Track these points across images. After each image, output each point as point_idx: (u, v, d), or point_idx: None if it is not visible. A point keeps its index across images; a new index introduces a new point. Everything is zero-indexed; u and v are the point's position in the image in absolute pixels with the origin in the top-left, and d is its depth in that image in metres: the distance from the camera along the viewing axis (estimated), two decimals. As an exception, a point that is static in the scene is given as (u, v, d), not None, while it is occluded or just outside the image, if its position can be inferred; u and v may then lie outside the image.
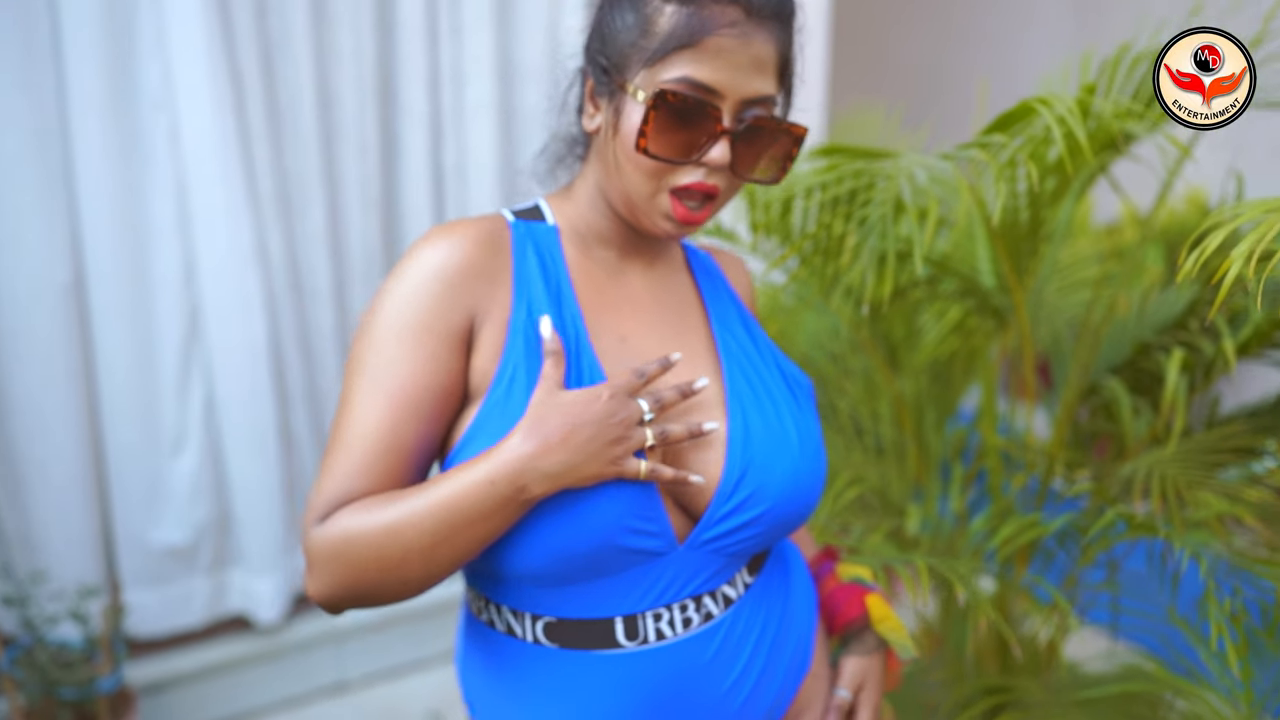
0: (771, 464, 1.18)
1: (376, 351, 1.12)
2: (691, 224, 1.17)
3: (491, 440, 1.09)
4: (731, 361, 1.26)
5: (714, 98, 1.12)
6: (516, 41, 3.30)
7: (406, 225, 3.24)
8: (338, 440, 1.12)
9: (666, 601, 1.17)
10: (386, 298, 1.13)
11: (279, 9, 2.89)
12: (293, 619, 3.17)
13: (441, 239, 1.15)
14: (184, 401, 2.91)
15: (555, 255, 1.22)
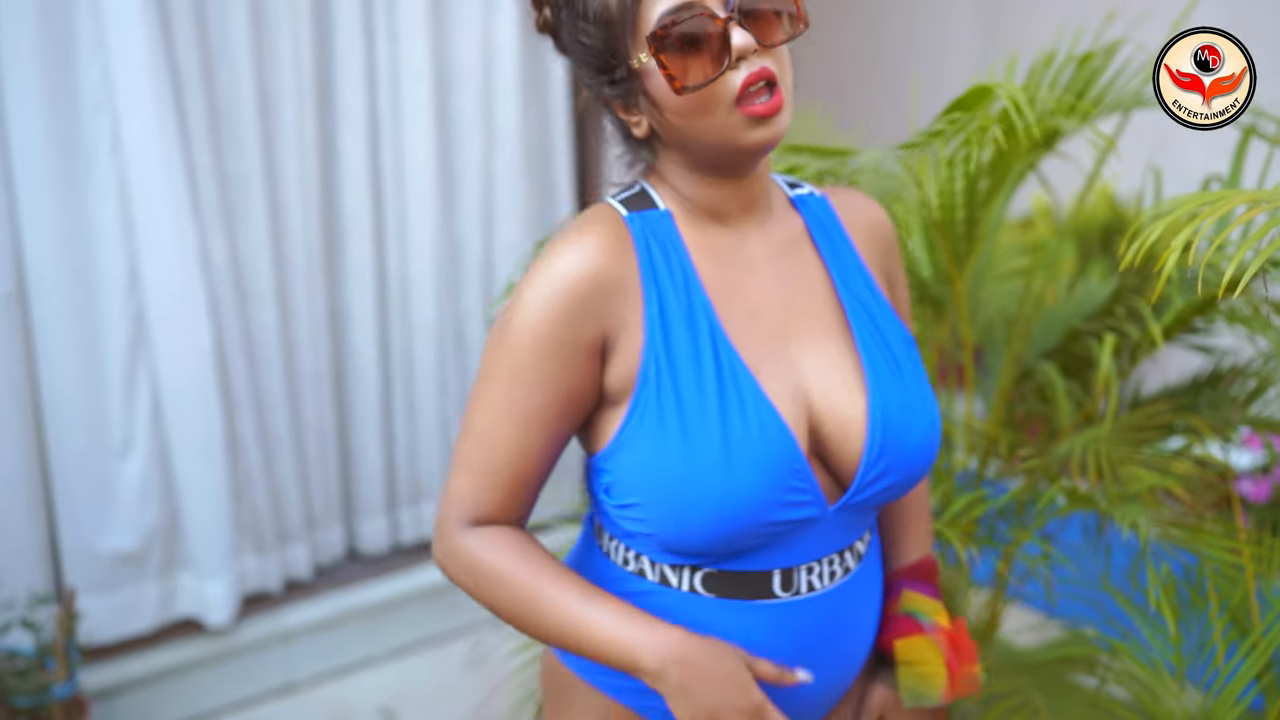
0: (908, 430, 1.23)
1: (515, 363, 1.17)
2: (774, 112, 1.15)
3: (645, 445, 1.16)
4: (862, 330, 1.27)
5: (694, 5, 1.13)
6: (450, 46, 3.36)
7: (346, 226, 3.27)
8: (476, 444, 1.21)
9: (817, 556, 1.24)
10: (522, 309, 1.16)
11: (218, 12, 2.91)
12: (241, 621, 3.18)
13: (571, 249, 1.17)
14: (130, 406, 2.92)
15: (675, 242, 1.23)
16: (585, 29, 1.20)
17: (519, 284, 1.19)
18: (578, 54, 1.24)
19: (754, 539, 1.18)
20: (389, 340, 3.44)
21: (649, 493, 1.17)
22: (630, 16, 1.15)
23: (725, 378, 1.17)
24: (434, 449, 3.55)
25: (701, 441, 1.14)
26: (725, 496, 1.14)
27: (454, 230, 3.48)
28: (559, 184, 3.62)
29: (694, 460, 1.14)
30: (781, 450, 1.16)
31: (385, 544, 3.55)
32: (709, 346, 1.18)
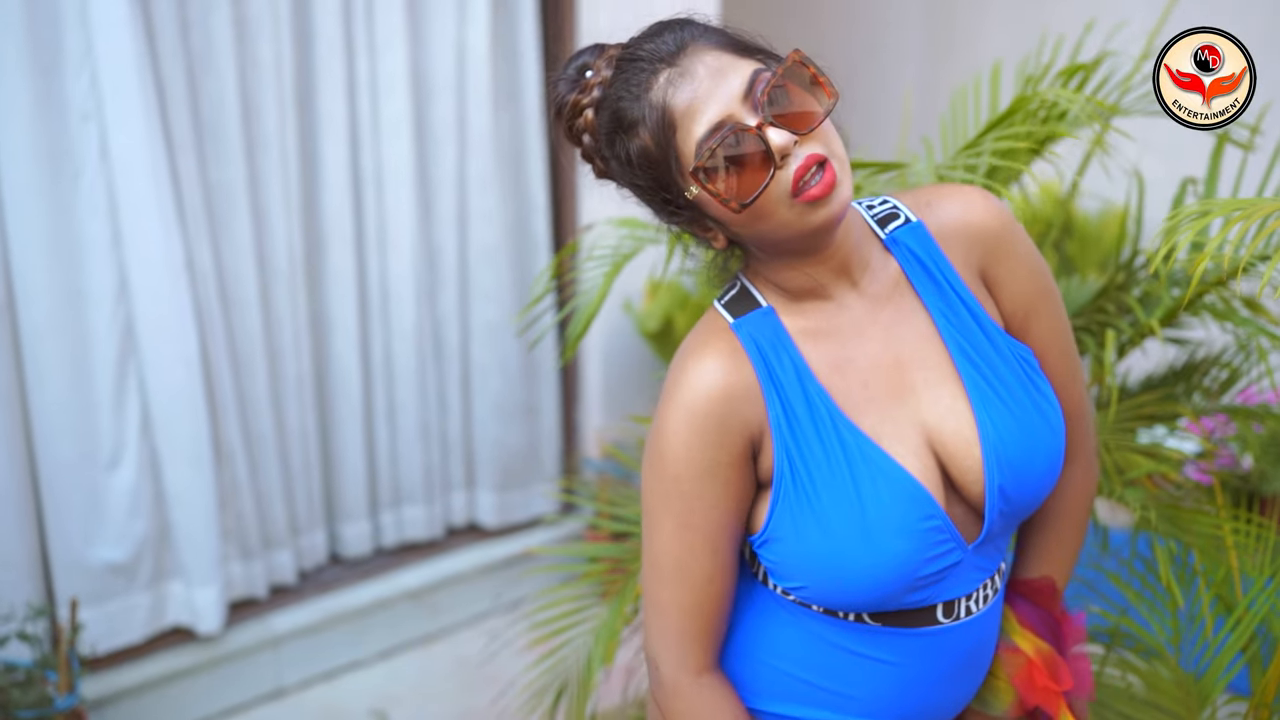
0: (1028, 461, 1.26)
1: (681, 495, 1.24)
2: (828, 190, 1.16)
3: (791, 537, 1.23)
4: (969, 367, 1.28)
5: (726, 123, 1.16)
6: (427, 56, 3.40)
7: (327, 232, 3.30)
8: (674, 583, 1.27)
9: (974, 587, 1.31)
10: (668, 441, 1.23)
11: (202, 22, 2.92)
12: (230, 628, 3.19)
13: (697, 372, 1.23)
14: (120, 417, 2.91)
15: (783, 337, 1.26)
16: (635, 174, 1.24)
17: (659, 412, 1.25)
18: (638, 195, 1.29)
19: (910, 591, 1.25)
20: (370, 344, 3.47)
21: (806, 576, 1.24)
22: (672, 153, 1.19)
23: (853, 456, 1.22)
24: (414, 452, 3.58)
25: (840, 523, 1.21)
26: (874, 567, 1.21)
27: (431, 235, 3.52)
28: (533, 187, 3.68)
29: (837, 542, 1.21)
30: (919, 509, 1.22)
31: (367, 547, 3.58)
32: (831, 430, 1.23)
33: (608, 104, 1.23)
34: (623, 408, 3.92)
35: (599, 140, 1.27)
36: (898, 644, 1.30)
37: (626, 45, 1.24)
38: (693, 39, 1.20)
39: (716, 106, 1.16)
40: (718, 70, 1.17)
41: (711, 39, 1.20)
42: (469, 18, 3.42)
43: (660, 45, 1.19)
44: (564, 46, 3.62)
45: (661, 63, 1.18)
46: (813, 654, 1.32)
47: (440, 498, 3.70)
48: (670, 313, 3.72)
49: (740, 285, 1.31)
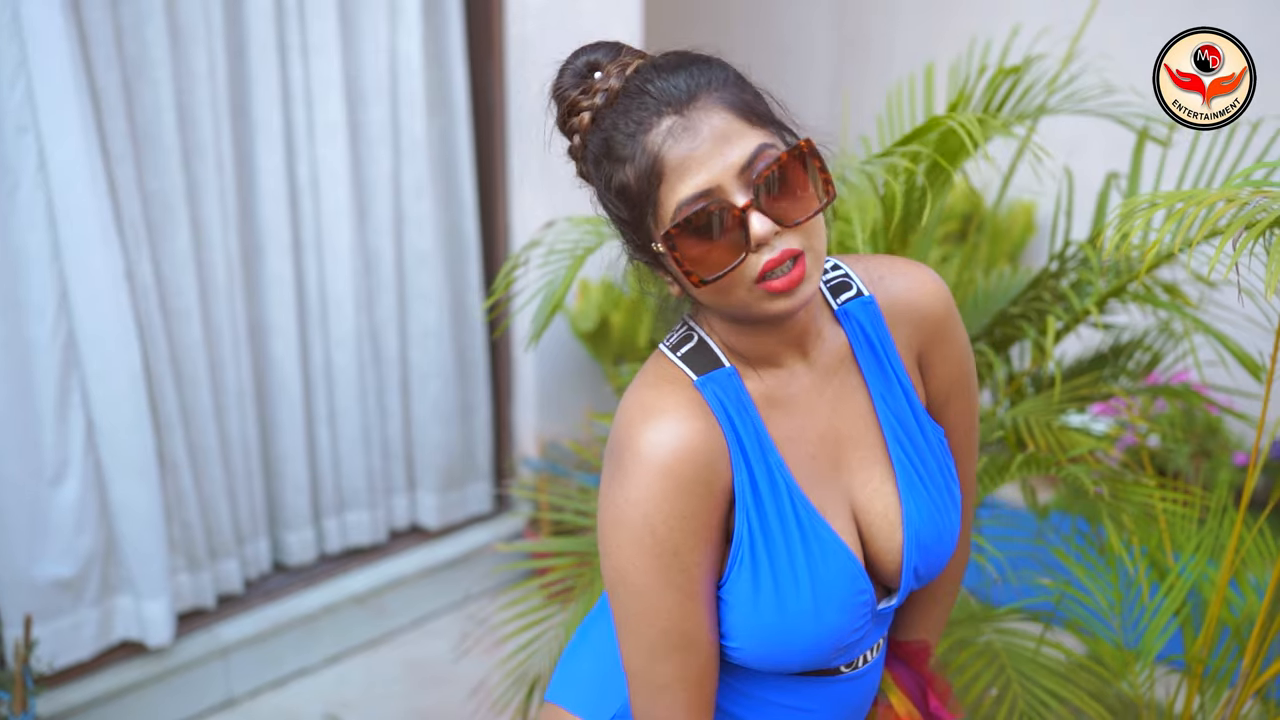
0: (941, 540, 1.32)
1: (684, 567, 1.17)
2: (795, 284, 1.14)
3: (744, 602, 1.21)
4: (899, 451, 1.31)
5: (713, 194, 1.12)
6: (360, 62, 3.41)
7: (265, 240, 3.29)
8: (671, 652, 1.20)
9: (873, 643, 1.37)
10: (656, 510, 1.15)
11: (135, 31, 2.90)
12: (179, 639, 3.17)
13: (665, 427, 1.16)
14: (64, 431, 2.88)
15: (746, 404, 1.23)
16: (611, 200, 1.20)
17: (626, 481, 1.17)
18: (609, 216, 1.24)
19: (834, 657, 1.29)
20: (309, 351, 3.47)
21: (747, 639, 1.23)
22: (651, 202, 1.15)
23: (807, 532, 1.23)
24: (356, 457, 3.60)
25: (794, 597, 1.21)
26: (816, 637, 1.23)
27: (368, 241, 3.53)
28: (463, 192, 3.71)
29: (788, 615, 1.21)
30: (855, 585, 1.26)
31: (312, 554, 3.58)
32: (789, 504, 1.22)
33: (603, 125, 1.19)
34: (558, 407, 3.98)
35: (586, 149, 1.23)
36: (809, 691, 1.34)
37: (640, 71, 1.19)
38: (708, 90, 1.14)
39: (708, 173, 1.12)
40: (723, 136, 1.12)
41: (727, 96, 1.15)
42: (400, 24, 3.44)
43: (672, 87, 1.14)
44: (493, 52, 3.66)
45: (668, 107, 1.13)
46: (733, 705, 1.34)
47: (383, 501, 3.72)
48: (605, 312, 3.79)
49: (698, 338, 1.27)
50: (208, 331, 3.19)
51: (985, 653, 2.19)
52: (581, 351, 4.01)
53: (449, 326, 3.74)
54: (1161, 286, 2.35)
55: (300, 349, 3.43)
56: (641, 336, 3.82)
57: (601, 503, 1.21)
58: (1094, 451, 2.17)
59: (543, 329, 2.22)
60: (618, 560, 1.19)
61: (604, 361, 3.87)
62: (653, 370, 1.26)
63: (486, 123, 3.74)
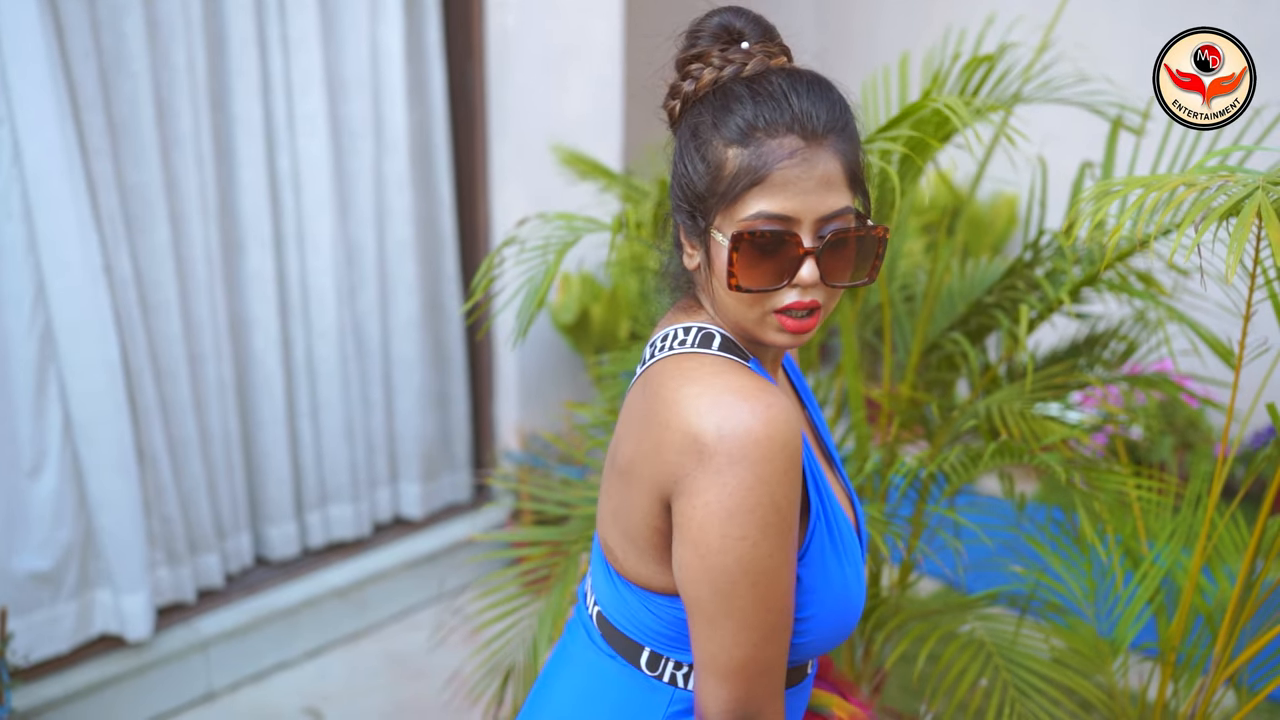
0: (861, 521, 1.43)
1: (787, 530, 1.17)
2: (804, 333, 1.22)
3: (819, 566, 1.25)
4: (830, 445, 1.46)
5: (790, 224, 1.17)
6: (341, 54, 3.41)
7: (245, 233, 3.29)
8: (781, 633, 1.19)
9: None
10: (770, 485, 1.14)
11: (113, 24, 2.90)
12: (158, 633, 3.17)
13: (776, 408, 1.16)
14: (41, 423, 2.88)
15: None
16: (695, 166, 1.23)
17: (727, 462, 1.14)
18: (676, 172, 1.27)
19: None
20: (291, 344, 3.46)
21: (824, 608, 1.25)
22: (734, 195, 1.19)
23: (839, 502, 1.32)
24: (339, 450, 3.59)
25: (850, 560, 1.29)
26: (858, 599, 1.30)
27: (349, 233, 3.53)
28: (440, 185, 3.71)
29: (849, 579, 1.28)
30: (862, 554, 1.35)
31: (294, 548, 3.58)
32: (823, 477, 1.30)
33: (728, 97, 1.22)
34: (540, 400, 3.98)
35: (695, 103, 1.26)
36: (790, 702, 1.36)
37: (787, 73, 1.22)
38: (838, 134, 1.19)
39: (798, 206, 1.17)
40: (827, 182, 1.18)
41: (847, 150, 1.20)
42: (381, 17, 3.44)
43: (815, 111, 1.18)
44: (473, 46, 3.66)
45: (801, 129, 1.17)
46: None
47: (367, 495, 3.72)
48: (585, 305, 3.79)
49: (721, 335, 1.28)
50: (187, 325, 3.18)
51: (970, 644, 2.19)
52: (562, 344, 4.01)
53: (427, 318, 3.74)
54: (1136, 275, 2.36)
55: (282, 342, 3.42)
56: (622, 329, 3.82)
57: (704, 499, 1.15)
58: (1069, 440, 2.18)
59: (527, 327, 2.22)
60: (740, 551, 1.15)
61: (584, 353, 3.87)
62: (702, 365, 1.24)
63: (467, 116, 3.74)
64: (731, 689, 1.20)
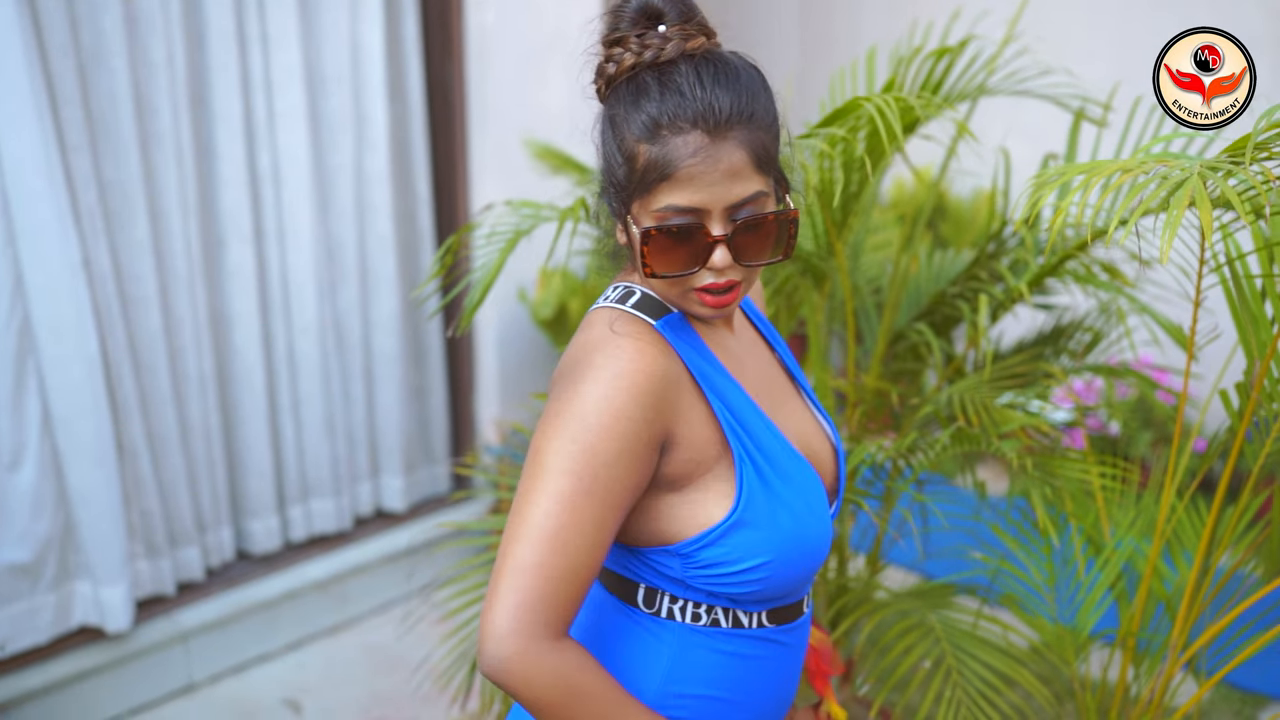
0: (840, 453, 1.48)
1: (592, 462, 1.19)
2: (724, 307, 1.28)
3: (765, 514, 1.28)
4: (802, 382, 1.50)
5: (699, 215, 1.22)
6: (320, 50, 3.43)
7: (226, 229, 3.31)
8: (549, 546, 1.17)
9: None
10: (598, 408, 1.20)
11: (91, 20, 2.92)
12: (138, 625, 3.19)
13: (636, 352, 1.24)
14: (19, 416, 2.90)
15: (698, 342, 1.34)
16: (614, 155, 1.28)
17: (584, 381, 1.22)
18: (601, 155, 1.31)
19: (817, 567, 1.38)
20: (272, 340, 3.49)
21: (774, 552, 1.29)
22: (647, 186, 1.23)
23: (781, 444, 1.34)
24: (320, 445, 3.61)
25: (797, 498, 1.31)
26: (820, 537, 1.34)
27: (330, 229, 3.55)
28: (419, 179, 3.74)
29: (798, 515, 1.31)
30: (820, 492, 1.37)
31: (276, 542, 3.60)
32: (760, 424, 1.33)
33: (640, 88, 1.25)
34: (519, 394, 4.00)
35: (615, 86, 1.28)
36: (782, 641, 1.41)
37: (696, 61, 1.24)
38: (742, 124, 1.22)
39: (704, 197, 1.21)
40: (733, 173, 1.21)
41: (753, 139, 1.23)
42: (361, 13, 3.46)
43: (716, 104, 1.21)
44: (452, 42, 3.68)
45: (703, 123, 1.21)
46: (720, 671, 1.37)
47: (348, 489, 3.74)
48: (564, 300, 3.81)
49: (640, 292, 1.34)
50: (167, 319, 3.20)
51: (920, 628, 2.21)
52: (542, 339, 4.03)
53: (407, 313, 3.76)
54: (1100, 265, 2.38)
55: (263, 337, 3.45)
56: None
57: (549, 405, 1.24)
58: (1029, 429, 2.20)
59: (471, 314, 2.23)
60: (550, 443, 1.20)
61: (564, 348, 3.89)
62: (607, 316, 1.31)
63: (446, 112, 3.76)
64: (498, 594, 1.18)
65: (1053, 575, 2.26)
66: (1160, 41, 1.41)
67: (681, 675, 1.35)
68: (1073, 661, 2.28)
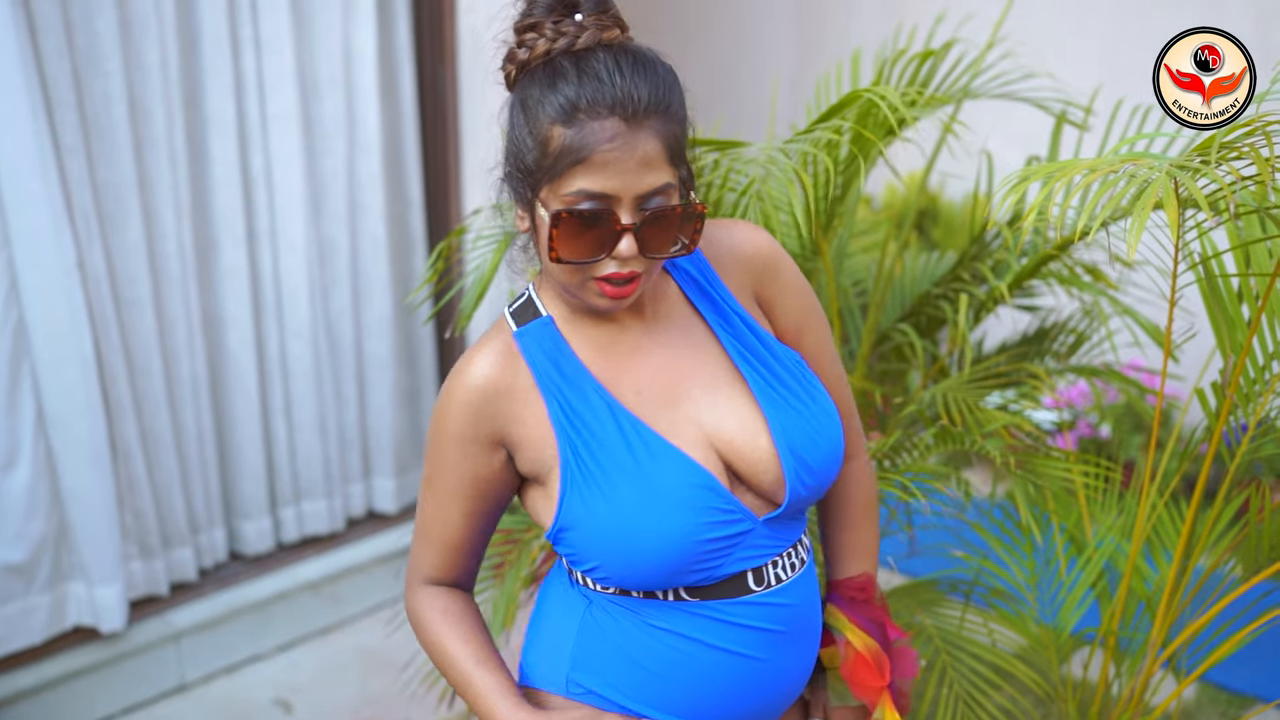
0: (817, 442, 1.38)
1: (433, 452, 1.40)
2: (623, 296, 1.29)
3: (584, 518, 1.32)
4: (751, 368, 1.40)
5: (610, 202, 1.23)
6: (313, 55, 3.45)
7: (219, 231, 3.33)
8: (418, 515, 1.47)
9: (777, 551, 1.39)
10: (437, 409, 1.39)
11: (86, 23, 2.94)
12: (131, 625, 3.21)
13: (469, 364, 1.36)
14: (14, 417, 2.92)
15: (560, 345, 1.37)
16: (524, 139, 1.28)
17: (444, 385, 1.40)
18: (508, 140, 1.32)
19: (705, 558, 1.33)
20: (265, 341, 3.51)
21: (602, 555, 1.33)
22: (558, 171, 1.24)
23: (633, 441, 1.32)
24: (313, 447, 3.63)
25: (626, 498, 1.30)
26: (662, 536, 1.30)
27: (322, 232, 3.57)
28: (411, 183, 3.76)
29: (624, 514, 1.30)
30: (696, 482, 1.32)
31: (269, 542, 3.62)
32: (611, 421, 1.33)
33: (556, 72, 1.25)
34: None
35: (527, 73, 1.29)
36: (720, 615, 1.37)
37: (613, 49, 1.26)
38: (659, 115, 1.24)
39: (616, 184, 1.22)
40: (646, 163, 1.23)
41: (667, 130, 1.25)
42: (354, 17, 3.49)
43: (635, 93, 1.23)
44: (445, 46, 3.71)
45: (622, 110, 1.22)
46: (634, 640, 1.39)
47: (340, 490, 3.76)
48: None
49: (528, 296, 1.42)
50: (161, 321, 3.22)
51: (912, 627, 2.23)
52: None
53: (399, 316, 3.79)
54: (1083, 267, 2.40)
55: (255, 339, 3.47)
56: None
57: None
58: (1010, 428, 2.21)
59: (470, 314, 2.25)
60: (425, 466, 1.44)
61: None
62: (495, 322, 1.43)
63: (439, 117, 3.79)
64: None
65: (1034, 574, 2.28)
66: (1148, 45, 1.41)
67: (591, 640, 1.42)
68: (1056, 664, 2.29)
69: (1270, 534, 1.93)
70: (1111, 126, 2.33)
